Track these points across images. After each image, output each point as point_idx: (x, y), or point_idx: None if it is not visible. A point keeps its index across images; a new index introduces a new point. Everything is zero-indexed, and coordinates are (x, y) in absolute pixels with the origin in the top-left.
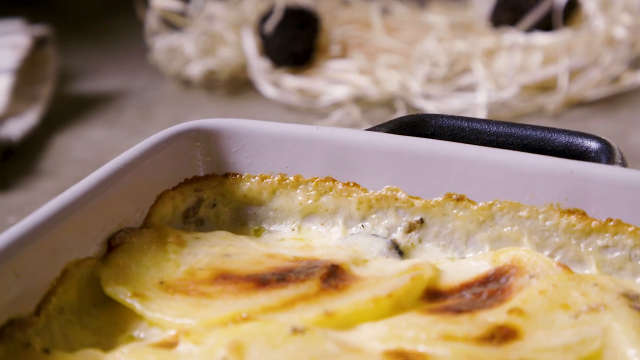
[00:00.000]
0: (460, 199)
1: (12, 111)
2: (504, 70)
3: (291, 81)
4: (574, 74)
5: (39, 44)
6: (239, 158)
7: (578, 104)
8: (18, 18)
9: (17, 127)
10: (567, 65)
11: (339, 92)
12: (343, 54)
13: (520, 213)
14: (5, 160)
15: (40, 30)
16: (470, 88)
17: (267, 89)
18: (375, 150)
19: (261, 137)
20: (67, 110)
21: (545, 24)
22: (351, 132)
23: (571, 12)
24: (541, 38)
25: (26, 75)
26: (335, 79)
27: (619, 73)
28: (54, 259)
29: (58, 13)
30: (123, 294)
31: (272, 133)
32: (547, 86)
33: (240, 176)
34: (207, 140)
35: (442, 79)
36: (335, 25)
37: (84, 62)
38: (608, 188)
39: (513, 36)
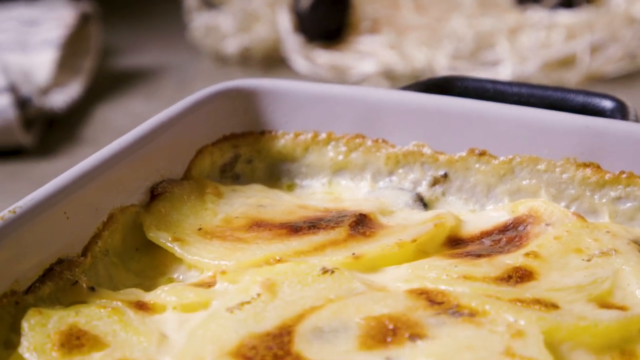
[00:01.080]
0: (482, 154)
1: (57, 82)
2: (528, 46)
3: (323, 57)
4: (594, 50)
5: (83, 20)
6: (275, 116)
7: (598, 80)
8: None
9: (61, 98)
10: (588, 41)
11: (368, 67)
12: (373, 31)
13: (539, 167)
14: (49, 129)
15: (84, 6)
16: (495, 63)
17: (300, 64)
18: (403, 108)
19: (296, 96)
20: (108, 84)
21: (568, 2)
22: (381, 92)
23: None
24: (564, 16)
25: (70, 48)
26: (365, 54)
27: (638, 50)
28: (101, 204)
29: None
30: (164, 239)
31: (306, 92)
32: (568, 62)
33: (276, 134)
34: (244, 99)
35: (468, 54)
36: (366, 3)
37: (125, 39)
38: (621, 142)
39: (537, 14)
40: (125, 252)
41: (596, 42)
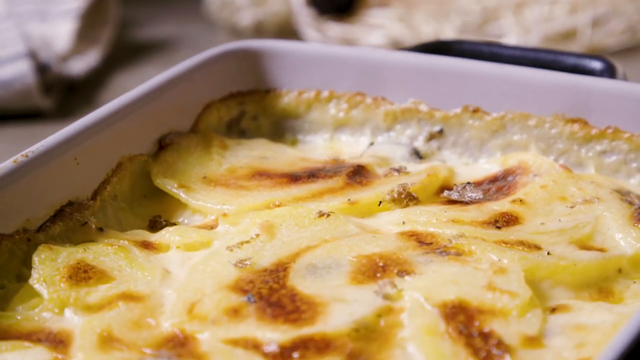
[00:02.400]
0: (475, 110)
1: (76, 51)
2: (531, 19)
3: (334, 29)
4: (596, 24)
5: None
6: (279, 76)
7: (599, 52)
8: None
9: (80, 65)
10: (590, 15)
11: (377, 39)
12: (383, 4)
13: (529, 122)
14: (68, 94)
15: None
16: (500, 36)
17: (312, 37)
18: (401, 67)
19: (299, 56)
20: (125, 54)
21: None
22: (381, 52)
23: None
24: None
25: (89, 19)
26: (375, 27)
27: (639, 24)
28: (110, 152)
29: None
30: (170, 185)
31: (309, 53)
32: (570, 35)
33: (280, 92)
34: (250, 59)
35: (474, 28)
36: None
37: (143, 12)
38: (607, 99)
39: None
40: (133, 198)
41: (598, 16)
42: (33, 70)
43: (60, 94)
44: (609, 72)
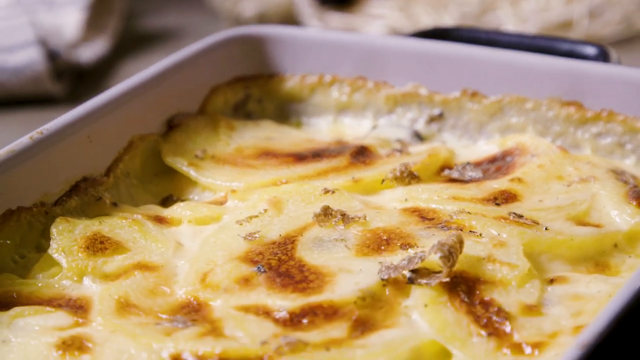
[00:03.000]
0: (474, 94)
1: (84, 39)
2: (529, 9)
3: (335, 20)
4: (592, 15)
5: None
6: (283, 60)
7: (596, 43)
8: None
9: (89, 53)
10: (587, 6)
11: (376, 28)
12: None
13: (526, 105)
14: (78, 81)
15: None
16: (498, 27)
17: (313, 27)
18: (401, 52)
19: (302, 41)
20: (131, 43)
21: None
22: (382, 37)
23: None
24: None
25: (96, 9)
26: (375, 17)
27: (634, 15)
28: (122, 131)
29: None
30: (180, 163)
31: (312, 38)
32: (566, 25)
33: (284, 76)
34: (255, 44)
35: (473, 19)
36: None
37: (147, 2)
38: (602, 83)
39: None
40: (144, 175)
41: (594, 7)
42: (43, 57)
43: (70, 80)
44: (603, 57)
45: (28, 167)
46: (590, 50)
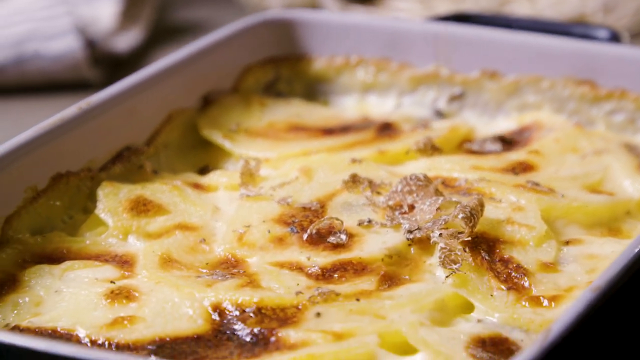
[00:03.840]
0: (493, 74)
1: (120, 29)
2: (545, 3)
3: (359, 12)
4: (607, 9)
5: None
6: (311, 43)
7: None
8: None
9: (124, 42)
10: None
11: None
12: None
13: (543, 84)
14: (115, 68)
15: None
16: None
17: None
18: (423, 34)
19: (329, 25)
20: (163, 33)
21: None
22: (405, 20)
23: None
24: None
25: (130, 0)
26: (397, 9)
27: None
28: (161, 105)
29: None
30: (216, 136)
31: (339, 21)
32: (582, 18)
33: (312, 58)
34: (285, 27)
35: (491, 11)
36: None
37: None
38: (614, 62)
39: None
40: (182, 147)
41: (608, 0)
42: (82, 45)
43: (106, 67)
44: (615, 38)
45: (76, 135)
46: (603, 33)
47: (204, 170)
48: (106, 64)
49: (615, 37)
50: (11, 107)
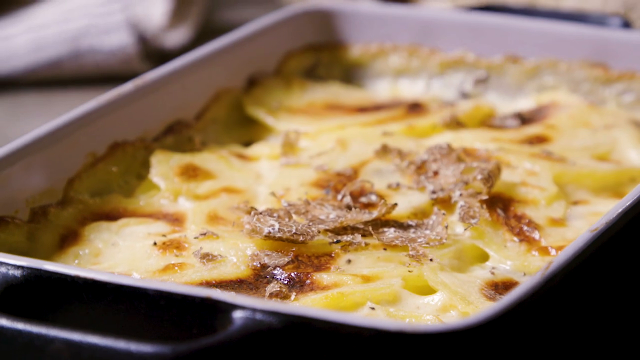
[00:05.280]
0: (515, 58)
1: (169, 26)
2: (568, 5)
3: None
4: (627, 6)
5: None
6: (349, 31)
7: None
8: None
9: (174, 38)
10: (621, 1)
11: None
12: None
13: (560, 67)
14: (163, 64)
15: None
16: None
17: None
18: (451, 22)
19: (366, 14)
20: (210, 33)
21: None
22: (435, 10)
23: None
24: None
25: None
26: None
27: None
28: (210, 84)
29: None
30: (259, 112)
31: (374, 11)
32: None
33: (349, 45)
34: (325, 16)
35: None
36: None
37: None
38: (625, 46)
39: None
40: (228, 123)
41: (629, 2)
42: (134, 40)
43: (156, 62)
44: (626, 26)
45: (131, 108)
46: (615, 21)
47: (247, 144)
48: (156, 59)
49: (626, 24)
50: (68, 97)
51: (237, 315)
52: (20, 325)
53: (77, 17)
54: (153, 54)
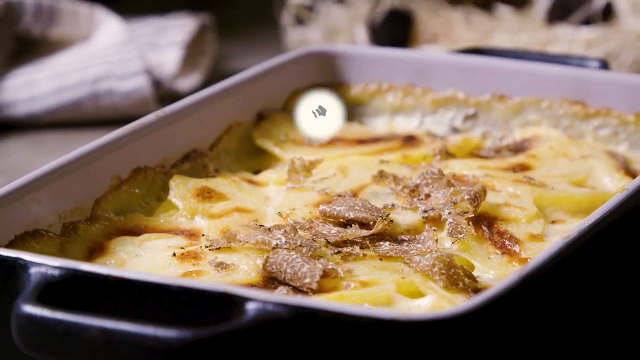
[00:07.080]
0: (501, 97)
1: (181, 73)
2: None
3: None
4: (608, 57)
5: (202, 29)
6: (350, 72)
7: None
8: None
9: (185, 84)
10: (603, 50)
11: None
12: (432, 42)
13: (542, 105)
14: None
15: (204, 18)
16: None
17: None
18: (444, 64)
19: (365, 57)
20: (218, 79)
21: (587, 21)
22: (428, 53)
23: (609, 12)
24: (584, 32)
25: (192, 49)
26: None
27: None
28: (223, 118)
29: (215, 16)
30: (268, 144)
31: (373, 54)
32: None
33: (350, 85)
34: (327, 59)
35: None
36: (426, 20)
37: (233, 47)
38: (601, 85)
39: (562, 30)
40: (239, 153)
41: (610, 52)
42: (149, 84)
43: (170, 105)
44: (604, 67)
45: (153, 137)
46: (594, 64)
47: (256, 173)
48: (169, 102)
49: (604, 66)
50: (86, 137)
51: (250, 306)
52: (59, 315)
53: (96, 64)
54: (166, 97)
